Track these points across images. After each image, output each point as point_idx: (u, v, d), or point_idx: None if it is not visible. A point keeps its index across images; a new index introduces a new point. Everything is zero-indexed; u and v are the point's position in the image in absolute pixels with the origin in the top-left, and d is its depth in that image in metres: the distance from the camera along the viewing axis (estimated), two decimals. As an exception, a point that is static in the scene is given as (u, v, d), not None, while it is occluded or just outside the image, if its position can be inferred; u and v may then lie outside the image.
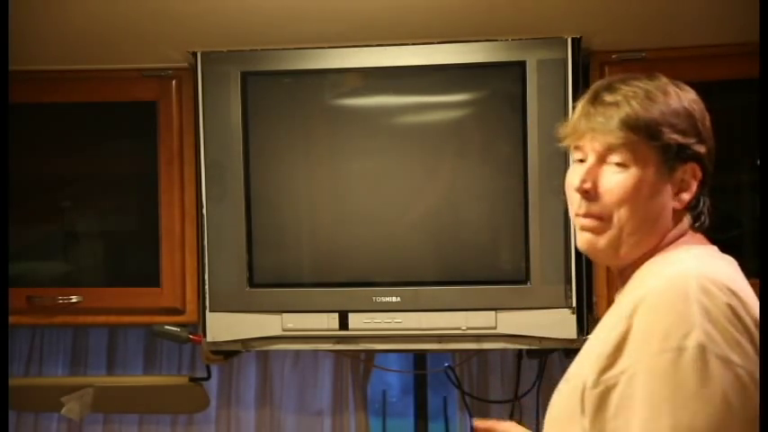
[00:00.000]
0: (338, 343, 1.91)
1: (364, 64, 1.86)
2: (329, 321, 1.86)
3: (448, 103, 1.91)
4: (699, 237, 1.17)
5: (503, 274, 1.85)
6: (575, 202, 1.15)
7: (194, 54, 1.89)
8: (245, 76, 1.87)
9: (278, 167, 1.89)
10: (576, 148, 1.17)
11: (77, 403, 2.11)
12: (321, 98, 1.91)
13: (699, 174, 1.14)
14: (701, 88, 1.90)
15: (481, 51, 1.83)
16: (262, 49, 1.88)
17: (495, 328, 1.83)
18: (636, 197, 1.10)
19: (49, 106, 2.02)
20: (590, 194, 1.12)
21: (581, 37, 1.82)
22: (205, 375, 2.15)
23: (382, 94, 1.92)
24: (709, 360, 0.96)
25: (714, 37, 1.83)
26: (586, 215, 1.13)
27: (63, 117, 2.04)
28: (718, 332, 0.97)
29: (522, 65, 1.81)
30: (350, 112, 1.92)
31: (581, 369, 1.07)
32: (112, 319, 2.04)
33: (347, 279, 1.88)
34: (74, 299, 1.99)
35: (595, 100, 1.13)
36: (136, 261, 2.08)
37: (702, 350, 0.96)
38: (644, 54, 1.87)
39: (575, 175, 1.14)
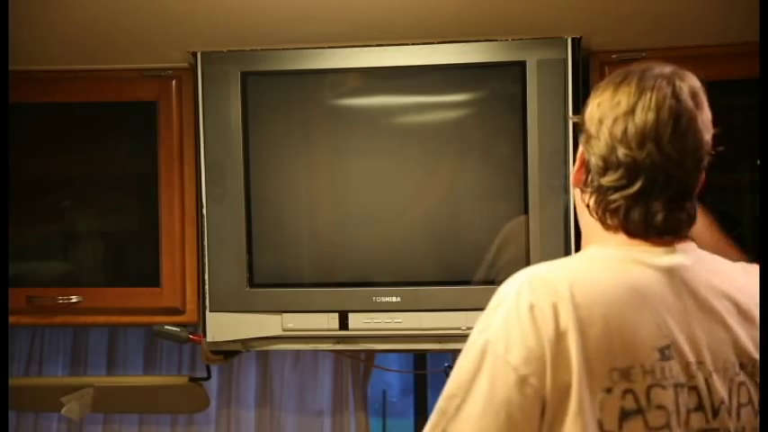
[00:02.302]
0: (338, 343, 1.91)
1: (364, 64, 1.86)
2: (329, 321, 1.86)
3: (448, 103, 1.91)
4: (625, 239, 1.11)
5: (503, 274, 1.85)
6: None
7: (194, 54, 1.89)
8: (245, 76, 1.87)
9: (278, 167, 1.89)
10: None
11: (77, 403, 2.11)
12: (321, 98, 1.91)
13: (580, 155, 1.16)
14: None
15: (481, 51, 1.83)
16: (262, 49, 1.89)
17: (495, 328, 1.82)
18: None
19: (49, 106, 2.02)
20: None
21: (581, 37, 1.82)
22: (205, 375, 2.15)
23: (382, 94, 1.92)
24: (487, 355, 1.02)
25: (714, 37, 1.83)
26: None
27: (63, 117, 2.04)
28: (506, 331, 1.01)
29: (522, 65, 1.81)
30: (350, 113, 1.92)
31: None
32: (112, 319, 2.04)
33: (347, 279, 1.88)
34: (74, 299, 1.99)
35: None
36: (136, 261, 2.08)
37: (485, 345, 1.02)
38: (644, 54, 1.87)
39: None
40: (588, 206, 1.14)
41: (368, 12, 1.76)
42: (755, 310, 1.12)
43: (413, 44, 1.85)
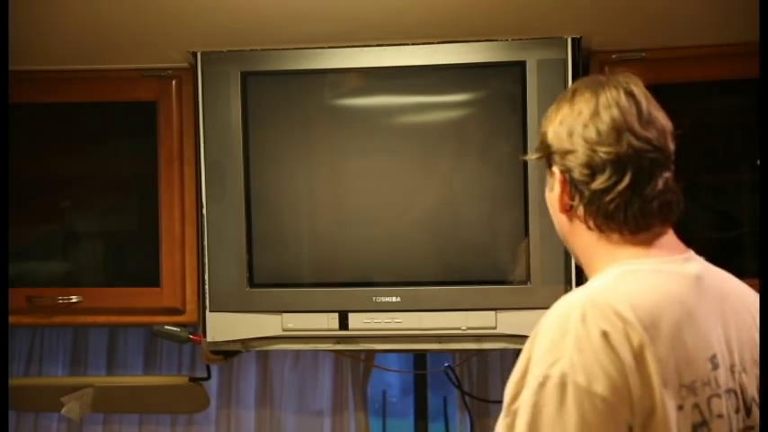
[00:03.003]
0: (338, 343, 1.91)
1: (364, 64, 1.86)
2: (329, 321, 1.86)
3: (448, 103, 1.91)
4: (641, 248, 1.13)
5: (503, 274, 1.85)
6: None
7: (194, 54, 1.89)
8: (245, 76, 1.87)
9: (278, 167, 1.89)
10: None
11: (77, 403, 2.11)
12: (321, 98, 1.91)
13: (558, 175, 1.15)
14: (701, 88, 1.92)
15: (481, 51, 1.83)
16: (262, 49, 1.89)
17: (495, 328, 1.83)
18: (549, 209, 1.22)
19: (49, 106, 2.02)
20: None
21: (581, 37, 1.82)
22: (205, 375, 2.15)
23: (382, 94, 1.92)
24: (568, 388, 0.97)
25: (714, 37, 1.83)
26: None
27: (63, 117, 2.04)
28: (583, 361, 0.98)
29: (522, 65, 1.81)
30: (350, 113, 1.92)
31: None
32: (112, 319, 2.04)
33: (347, 279, 1.88)
34: (74, 299, 1.99)
35: None
36: (136, 261, 2.08)
37: (563, 377, 0.98)
38: (644, 54, 1.87)
39: None
40: (585, 222, 1.14)
41: (368, 12, 1.76)
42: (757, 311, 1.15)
43: (413, 44, 1.85)
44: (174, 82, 1.98)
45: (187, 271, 1.98)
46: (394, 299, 1.84)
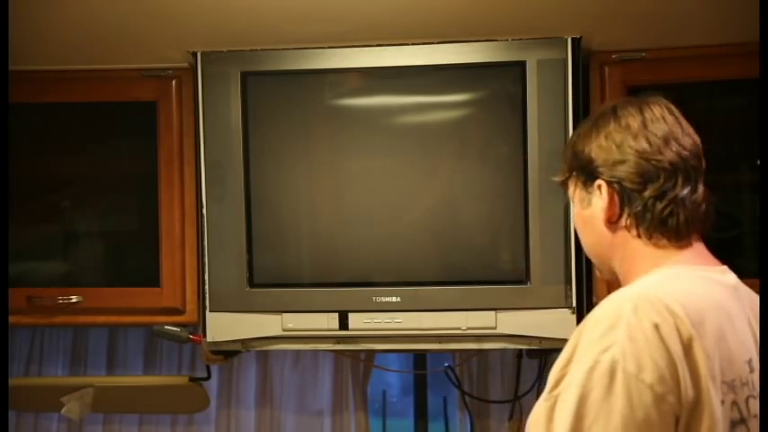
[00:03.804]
0: (338, 343, 1.91)
1: (364, 64, 1.86)
2: (329, 321, 1.86)
3: (448, 103, 1.91)
4: (685, 254, 1.18)
5: (503, 274, 1.85)
6: None
7: (194, 54, 1.89)
8: (245, 76, 1.87)
9: (278, 167, 1.89)
10: None
11: (77, 403, 2.11)
12: (321, 98, 1.91)
13: (607, 188, 1.19)
14: (701, 88, 1.91)
15: (481, 51, 1.83)
16: (262, 49, 1.88)
17: (495, 328, 1.83)
18: (576, 223, 1.29)
19: (48, 106, 2.02)
20: None
21: (581, 37, 1.82)
22: (205, 375, 2.15)
23: (382, 94, 1.92)
24: (617, 374, 0.99)
25: (714, 37, 1.83)
26: None
27: (63, 117, 2.04)
28: (634, 349, 1.00)
29: (522, 65, 1.81)
30: (350, 113, 1.92)
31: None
32: (112, 319, 2.03)
33: (347, 279, 1.88)
34: (74, 299, 1.99)
35: None
36: (136, 261, 2.08)
37: (613, 364, 1.00)
38: (644, 54, 1.87)
39: None
40: (634, 230, 1.17)
41: (368, 12, 1.76)
42: None
43: (413, 44, 1.85)
44: (174, 82, 1.98)
45: (187, 271, 1.98)
46: (394, 299, 1.84)
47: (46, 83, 2.00)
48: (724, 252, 1.85)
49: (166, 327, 1.98)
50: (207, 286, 1.89)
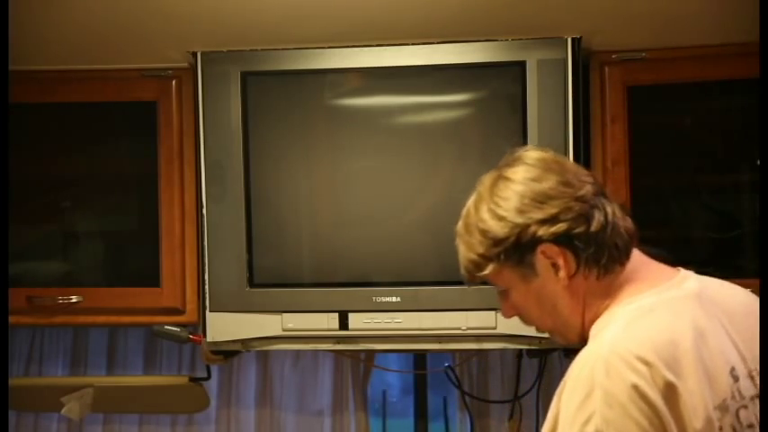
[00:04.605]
0: (338, 343, 1.91)
1: (364, 64, 1.86)
2: (329, 321, 1.86)
3: (448, 103, 1.91)
4: (641, 275, 1.15)
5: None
6: None
7: (194, 54, 1.89)
8: (245, 76, 1.87)
9: (278, 167, 1.89)
10: None
11: (77, 403, 2.11)
12: (321, 98, 1.91)
13: (554, 248, 1.12)
14: (701, 88, 1.91)
15: (481, 51, 1.83)
16: (262, 49, 1.88)
17: (495, 328, 1.82)
18: (524, 306, 1.19)
19: (48, 106, 2.02)
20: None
21: (581, 37, 1.82)
22: (205, 375, 2.15)
23: (382, 94, 1.92)
24: None
25: (714, 37, 1.83)
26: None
27: (63, 117, 2.04)
28: (615, 416, 0.98)
29: (522, 65, 1.81)
30: (350, 113, 1.92)
31: None
32: (112, 319, 2.04)
33: (347, 279, 1.88)
34: (74, 299, 1.99)
35: None
36: (136, 261, 2.08)
37: None
38: (644, 54, 1.87)
39: None
40: (590, 275, 1.12)
41: (368, 12, 1.76)
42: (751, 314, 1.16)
43: (413, 44, 1.85)
44: (174, 82, 1.98)
45: (187, 271, 1.98)
46: (394, 299, 1.84)
47: (46, 83, 2.00)
48: (724, 252, 1.86)
49: (166, 327, 1.98)
50: (207, 286, 1.89)
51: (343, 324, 1.86)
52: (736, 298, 1.18)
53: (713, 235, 1.92)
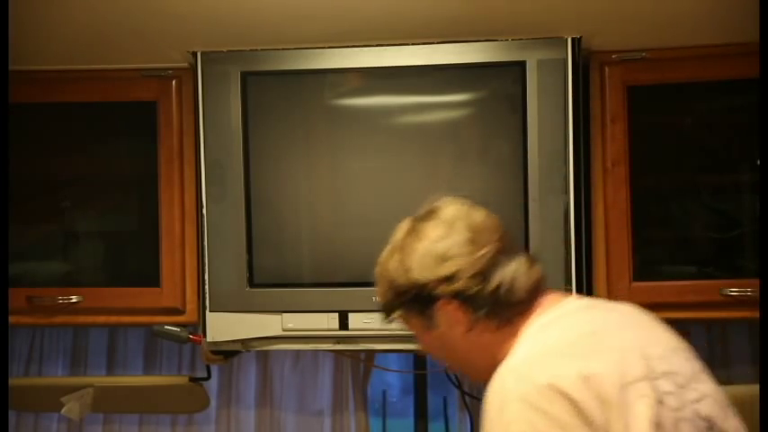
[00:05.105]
0: (338, 343, 1.91)
1: (364, 64, 1.86)
2: (329, 321, 1.86)
3: (448, 104, 1.91)
4: (540, 310, 1.18)
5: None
6: None
7: (194, 54, 1.89)
8: (245, 76, 1.87)
9: (278, 167, 1.89)
10: None
11: (77, 403, 2.11)
12: (321, 98, 1.91)
13: (451, 304, 1.17)
14: (701, 88, 1.92)
15: (481, 51, 1.83)
16: (262, 49, 1.88)
17: (495, 328, 1.82)
18: (432, 350, 1.28)
19: (49, 106, 2.02)
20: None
21: (581, 37, 1.82)
22: (205, 375, 2.15)
23: (382, 94, 1.93)
24: None
25: (714, 37, 1.83)
26: None
27: (63, 117, 2.04)
28: (536, 418, 1.00)
29: (522, 65, 1.81)
30: (350, 113, 1.92)
31: None
32: (112, 319, 2.04)
33: (347, 279, 1.88)
34: (74, 299, 1.99)
35: None
36: (136, 261, 2.08)
37: None
38: (644, 54, 1.87)
39: None
40: (491, 325, 1.17)
41: (368, 12, 1.76)
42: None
43: (413, 44, 1.85)
44: (174, 82, 1.98)
45: (187, 271, 1.98)
46: (394, 299, 1.83)
47: (46, 83, 2.00)
48: (724, 252, 1.86)
49: (166, 327, 1.98)
50: (207, 286, 1.89)
51: (343, 324, 1.86)
52: (625, 306, 1.23)
53: (713, 235, 1.92)
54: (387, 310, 1.24)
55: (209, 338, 1.91)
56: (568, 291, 1.80)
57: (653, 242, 1.92)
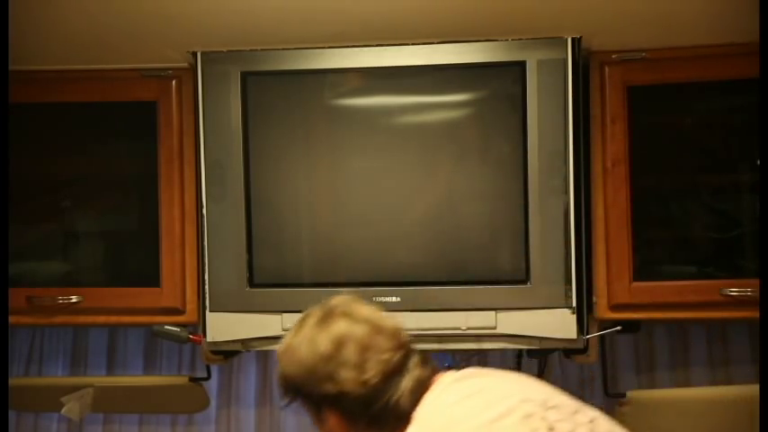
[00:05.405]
0: (338, 343, 1.91)
1: (364, 64, 1.86)
2: (329, 321, 1.86)
3: (448, 103, 1.91)
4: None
5: (503, 273, 1.85)
6: None
7: (194, 54, 1.89)
8: (245, 76, 1.87)
9: (278, 167, 1.89)
10: None
11: (77, 403, 2.11)
12: (321, 98, 1.91)
13: (334, 413, 1.23)
14: (701, 88, 1.92)
15: (481, 51, 1.83)
16: (262, 49, 1.88)
17: (495, 328, 1.83)
18: None
19: (49, 106, 2.02)
20: None
21: (581, 37, 1.82)
22: (205, 375, 2.15)
23: (382, 94, 1.93)
24: None
25: (714, 37, 1.83)
26: None
27: (63, 117, 2.04)
28: None
29: (522, 65, 1.81)
30: (350, 113, 1.92)
31: None
32: (112, 319, 2.03)
33: (347, 279, 1.88)
34: (74, 299, 1.99)
35: None
36: (136, 261, 2.08)
37: None
38: (644, 54, 1.87)
39: None
40: (376, 429, 1.22)
41: (368, 12, 1.76)
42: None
43: (413, 44, 1.85)
44: (174, 82, 1.98)
45: (187, 271, 1.97)
46: (394, 299, 1.84)
47: (46, 83, 2.00)
48: (724, 252, 1.86)
49: (166, 327, 1.98)
50: (207, 286, 1.89)
51: (343, 324, 1.86)
52: (496, 370, 1.31)
53: (713, 235, 1.92)
54: (284, 393, 1.28)
55: (209, 338, 1.91)
56: (569, 291, 1.81)
57: (653, 242, 1.92)
